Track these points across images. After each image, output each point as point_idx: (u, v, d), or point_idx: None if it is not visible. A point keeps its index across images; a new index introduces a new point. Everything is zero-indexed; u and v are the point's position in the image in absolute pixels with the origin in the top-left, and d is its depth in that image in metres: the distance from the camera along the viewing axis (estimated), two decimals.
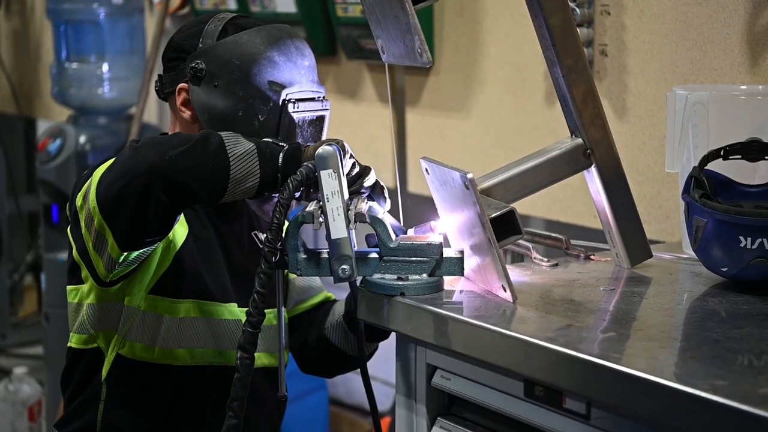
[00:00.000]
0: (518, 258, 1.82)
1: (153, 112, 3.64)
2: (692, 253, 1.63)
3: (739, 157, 1.59)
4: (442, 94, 2.66)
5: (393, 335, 1.58)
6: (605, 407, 1.24)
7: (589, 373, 1.23)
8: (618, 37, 2.20)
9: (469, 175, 1.40)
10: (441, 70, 2.64)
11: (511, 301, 1.43)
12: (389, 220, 1.51)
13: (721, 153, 1.59)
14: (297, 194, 1.47)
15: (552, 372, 1.27)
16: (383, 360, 1.88)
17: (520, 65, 2.44)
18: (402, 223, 1.58)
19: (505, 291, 1.44)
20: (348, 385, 3.33)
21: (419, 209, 2.05)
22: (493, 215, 1.43)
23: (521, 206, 1.48)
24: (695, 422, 1.11)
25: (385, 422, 2.80)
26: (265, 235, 1.47)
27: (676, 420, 1.13)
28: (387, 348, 1.82)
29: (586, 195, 2.19)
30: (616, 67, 2.21)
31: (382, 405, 2.85)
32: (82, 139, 3.48)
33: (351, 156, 1.51)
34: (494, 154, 2.50)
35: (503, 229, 1.45)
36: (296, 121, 1.65)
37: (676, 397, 1.12)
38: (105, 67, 3.49)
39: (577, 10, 2.20)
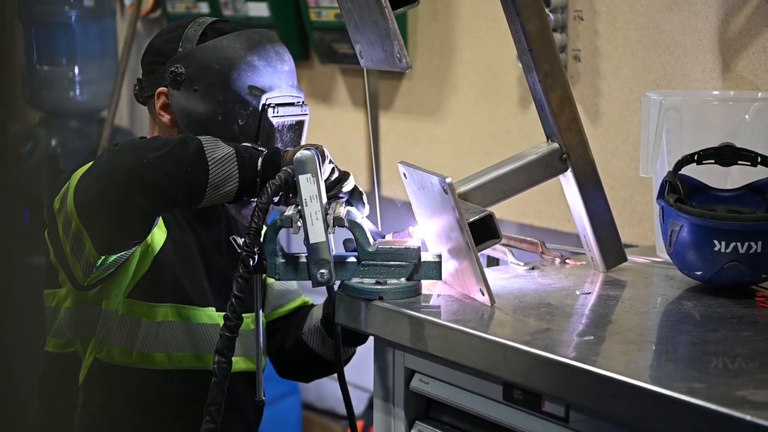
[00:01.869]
0: (494, 262, 1.83)
1: (124, 115, 3.63)
2: (666, 257, 1.65)
3: (713, 161, 1.61)
4: (415, 99, 2.67)
5: (370, 339, 1.59)
6: (584, 410, 1.25)
7: (567, 376, 1.24)
8: (591, 42, 2.22)
9: (448, 180, 1.41)
10: (415, 75, 2.65)
11: (489, 304, 1.44)
12: (368, 225, 1.52)
13: (695, 158, 1.61)
14: (276, 199, 1.47)
15: (531, 375, 1.28)
16: (354, 364, 1.88)
17: (494, 70, 2.45)
18: (379, 228, 1.59)
19: (483, 295, 1.45)
20: (320, 389, 3.33)
21: (391, 213, 2.06)
22: (471, 219, 1.44)
23: (495, 210, 1.50)
24: (673, 424, 1.12)
25: (357, 426, 2.80)
26: (243, 239, 1.47)
27: (655, 422, 1.14)
28: (359, 352, 1.82)
29: (559, 199, 2.21)
30: (590, 72, 2.22)
31: (355, 409, 2.85)
32: (54, 142, 3.45)
33: (330, 161, 1.51)
34: (468, 159, 2.51)
35: (481, 233, 1.46)
36: (276, 126, 1.65)
37: (655, 400, 1.13)
38: (76, 70, 3.47)
39: (551, 15, 2.22)
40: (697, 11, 2.00)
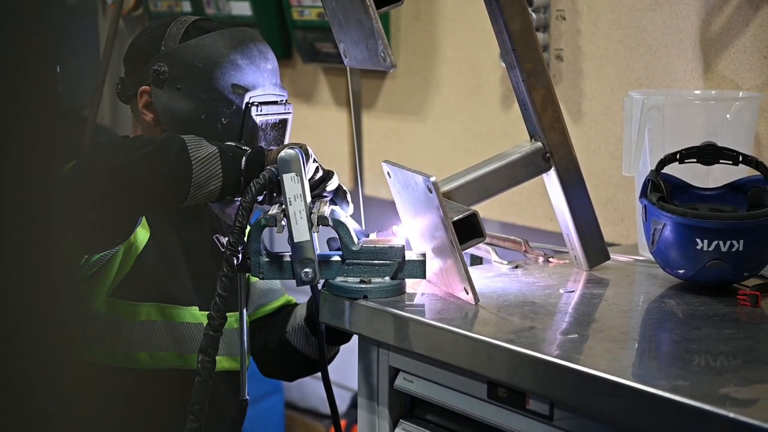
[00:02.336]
0: (478, 261, 1.83)
1: (107, 114, 3.61)
2: (648, 255, 1.66)
3: (695, 160, 1.62)
4: (398, 98, 2.68)
5: (354, 338, 1.59)
6: (568, 408, 1.26)
7: (551, 375, 1.24)
8: (573, 42, 2.23)
9: (432, 179, 1.41)
10: (398, 74, 2.65)
11: (473, 303, 1.45)
12: (352, 224, 1.52)
13: (677, 157, 1.61)
14: (260, 198, 1.47)
15: (515, 373, 1.29)
16: (336, 363, 1.88)
17: (477, 69, 2.46)
18: (363, 227, 1.59)
19: (467, 293, 1.45)
20: (303, 388, 3.33)
21: (376, 212, 2.06)
22: (455, 218, 1.44)
23: (478, 209, 1.50)
24: (657, 422, 1.13)
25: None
26: (227, 238, 1.47)
27: (639, 420, 1.15)
28: (340, 351, 1.82)
29: (542, 198, 2.21)
30: (572, 72, 2.23)
31: (338, 408, 2.85)
32: None
33: (314, 160, 1.51)
34: (450, 158, 2.52)
35: (465, 232, 1.46)
36: (259, 125, 1.65)
37: (639, 398, 1.14)
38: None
39: (534, 15, 2.22)
40: (678, 11, 2.01)
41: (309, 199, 1.44)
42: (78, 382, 0.71)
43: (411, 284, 1.53)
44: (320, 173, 1.52)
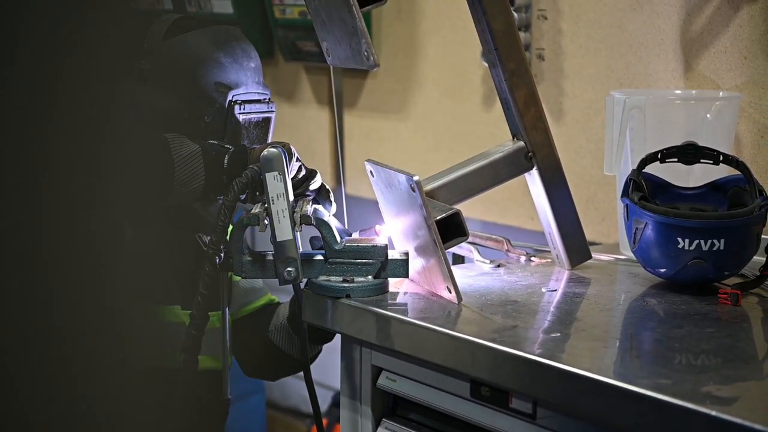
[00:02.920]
0: (460, 260, 1.83)
1: None
2: (629, 254, 1.66)
3: (676, 160, 1.63)
4: (380, 97, 2.68)
5: (337, 337, 1.59)
6: (551, 407, 1.26)
7: (534, 373, 1.24)
8: (555, 41, 2.23)
9: (416, 178, 1.42)
10: (379, 73, 2.65)
11: (456, 302, 1.45)
12: (334, 223, 1.51)
13: (659, 156, 1.62)
14: (242, 196, 1.47)
15: (498, 372, 1.29)
16: (317, 362, 1.88)
17: (458, 68, 2.46)
18: (346, 226, 1.58)
19: (450, 292, 1.45)
20: (284, 388, 3.32)
21: (357, 211, 2.06)
22: (438, 217, 1.44)
23: (460, 208, 1.50)
24: (640, 420, 1.13)
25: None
26: (209, 237, 1.46)
27: (622, 418, 1.15)
28: (322, 350, 1.82)
29: (523, 197, 2.22)
30: (553, 71, 2.24)
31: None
32: None
33: (297, 159, 1.51)
34: (432, 157, 2.52)
35: (448, 231, 1.46)
36: (242, 123, 1.65)
37: (622, 396, 1.14)
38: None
39: (515, 14, 2.23)
40: (659, 11, 2.02)
41: (292, 197, 1.44)
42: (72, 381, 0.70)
43: (394, 283, 1.53)
44: (303, 172, 1.52)
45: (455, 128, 2.48)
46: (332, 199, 1.57)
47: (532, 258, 1.74)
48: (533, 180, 1.64)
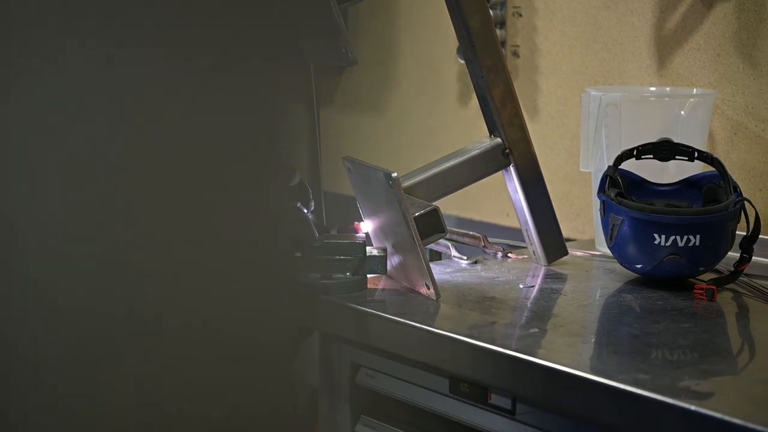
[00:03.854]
0: (437, 256, 1.84)
1: None
2: (605, 250, 1.67)
3: (651, 156, 1.64)
4: (355, 93, 2.67)
5: (315, 334, 1.58)
6: (531, 402, 1.27)
7: (514, 369, 1.25)
8: (530, 38, 2.24)
9: (394, 174, 1.42)
10: (355, 69, 2.65)
11: (435, 298, 1.45)
12: (312, 220, 1.51)
13: (634, 153, 1.63)
14: None
15: (477, 368, 1.29)
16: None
17: (434, 65, 2.46)
18: (324, 223, 1.58)
19: (428, 289, 1.46)
20: None
21: (334, 207, 2.06)
22: (417, 214, 1.44)
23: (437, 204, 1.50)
24: (620, 415, 1.14)
25: None
26: None
27: (601, 414, 1.16)
28: None
29: (498, 193, 2.23)
30: (528, 68, 2.25)
31: None
32: None
33: None
34: (408, 154, 2.52)
35: (426, 227, 1.46)
36: None
37: (601, 391, 1.15)
38: None
39: (491, 11, 2.23)
40: (634, 8, 2.04)
41: None
42: None
43: (372, 280, 1.53)
44: None
45: (431, 125, 2.48)
46: (311, 195, 1.57)
47: (509, 254, 1.75)
48: (510, 176, 1.64)
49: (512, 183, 1.64)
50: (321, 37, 1.47)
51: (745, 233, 1.53)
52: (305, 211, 1.51)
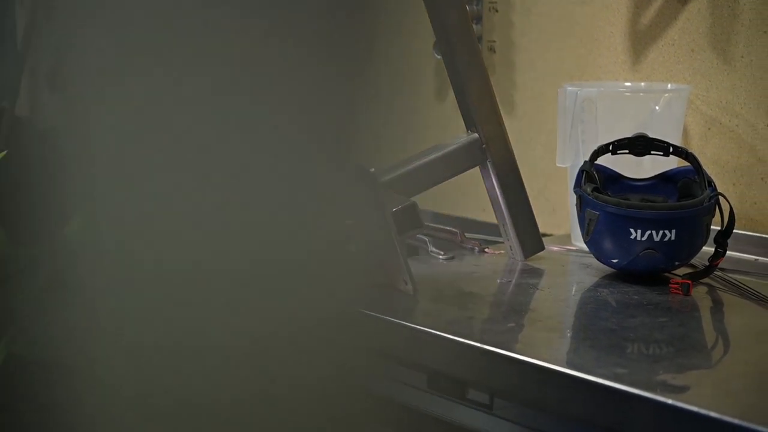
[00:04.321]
0: (413, 251, 1.84)
1: (25, 105, 3.53)
2: (581, 245, 1.68)
3: (627, 151, 1.64)
4: None
5: None
6: (508, 397, 1.27)
7: (492, 364, 1.25)
8: (506, 34, 2.24)
9: (372, 169, 1.42)
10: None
11: (412, 293, 1.45)
12: None
13: (610, 148, 1.64)
14: None
15: (455, 363, 1.30)
16: None
17: (411, 60, 2.46)
18: None
19: (405, 284, 1.46)
20: None
21: None
22: (395, 208, 1.44)
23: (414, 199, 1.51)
24: (597, 409, 1.14)
25: None
26: None
27: (578, 408, 1.16)
28: None
29: (474, 188, 2.22)
30: (504, 64, 2.25)
31: None
32: None
33: None
34: (384, 149, 2.51)
35: (403, 222, 1.46)
36: None
37: (579, 386, 1.15)
38: None
39: (467, 7, 2.23)
40: (609, 4, 2.04)
41: None
42: None
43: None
44: None
45: (408, 120, 2.48)
46: None
47: (486, 249, 1.75)
48: (487, 172, 1.64)
49: (489, 178, 1.65)
50: None
51: (719, 228, 1.54)
52: None
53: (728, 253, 1.55)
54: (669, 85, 1.90)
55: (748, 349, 1.31)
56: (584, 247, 1.61)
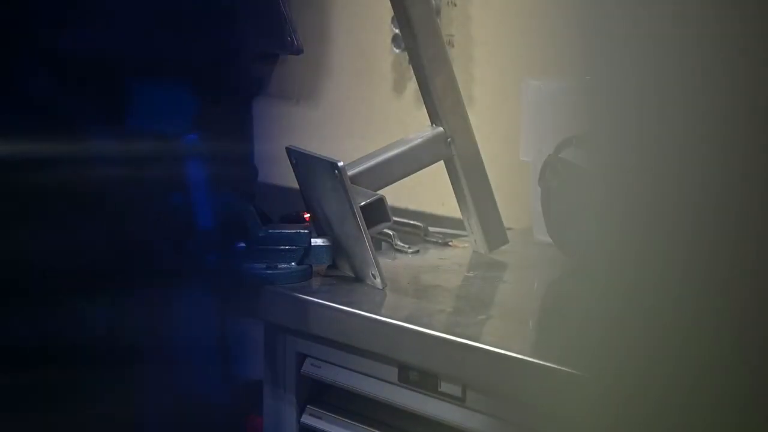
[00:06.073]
0: (378, 245, 1.84)
1: None
2: (543, 239, 1.69)
3: None
4: (289, 83, 2.65)
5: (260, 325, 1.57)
6: (481, 389, 1.27)
7: (463, 356, 1.26)
8: (464, 28, 2.25)
9: (340, 164, 1.42)
10: (288, 59, 2.63)
11: (381, 287, 1.45)
12: (256, 210, 1.50)
13: (573, 141, 1.65)
14: None
15: (426, 356, 1.30)
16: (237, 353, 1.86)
17: (368, 54, 2.46)
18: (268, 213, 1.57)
19: (374, 278, 1.46)
20: None
21: (272, 199, 2.04)
22: (363, 203, 1.44)
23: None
24: (568, 399, 1.15)
25: None
26: None
27: (552, 398, 1.17)
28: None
29: (433, 182, 2.23)
30: (463, 58, 2.25)
31: None
32: None
33: None
34: (344, 144, 2.51)
35: (372, 216, 1.46)
36: None
37: (551, 376, 1.16)
38: None
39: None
40: None
41: None
42: None
43: (317, 269, 1.52)
44: None
45: (366, 115, 2.48)
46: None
47: (450, 243, 1.76)
48: (452, 165, 1.65)
49: (454, 172, 1.65)
50: (265, 24, 1.46)
51: None
52: None
53: None
54: None
55: None
56: (547, 240, 1.62)
